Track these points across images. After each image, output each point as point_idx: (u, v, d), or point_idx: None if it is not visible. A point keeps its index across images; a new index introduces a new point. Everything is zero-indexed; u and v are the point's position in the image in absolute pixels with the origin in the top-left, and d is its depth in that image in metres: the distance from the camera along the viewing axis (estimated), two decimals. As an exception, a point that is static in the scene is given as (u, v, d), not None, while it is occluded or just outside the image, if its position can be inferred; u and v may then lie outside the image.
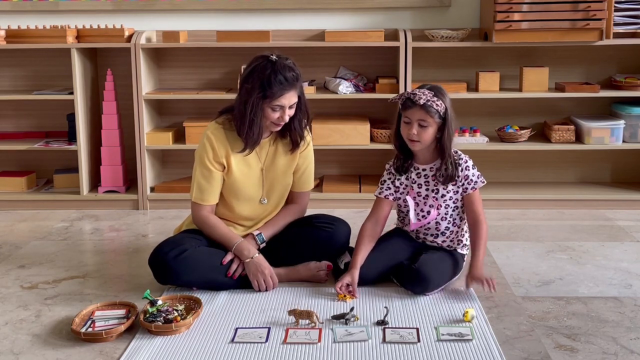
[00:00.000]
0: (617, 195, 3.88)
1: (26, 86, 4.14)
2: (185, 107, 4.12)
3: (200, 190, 2.70)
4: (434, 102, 2.57)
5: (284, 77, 2.56)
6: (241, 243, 2.66)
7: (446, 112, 2.59)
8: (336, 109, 4.09)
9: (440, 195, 2.70)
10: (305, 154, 2.81)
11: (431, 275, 2.60)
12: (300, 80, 2.64)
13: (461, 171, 2.67)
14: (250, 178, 2.75)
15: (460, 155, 2.70)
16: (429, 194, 2.71)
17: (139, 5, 4.05)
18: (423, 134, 2.61)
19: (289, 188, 2.85)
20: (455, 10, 4.03)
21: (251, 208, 2.80)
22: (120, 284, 2.81)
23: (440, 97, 2.60)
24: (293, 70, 2.60)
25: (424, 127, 2.60)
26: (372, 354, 2.19)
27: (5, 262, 3.09)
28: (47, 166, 4.21)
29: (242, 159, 2.71)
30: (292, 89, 2.59)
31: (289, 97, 2.60)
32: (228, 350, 2.22)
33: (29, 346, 2.28)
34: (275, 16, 4.06)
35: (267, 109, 2.60)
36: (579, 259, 3.05)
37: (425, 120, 2.59)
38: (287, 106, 2.61)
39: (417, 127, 2.60)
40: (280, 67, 2.57)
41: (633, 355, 2.18)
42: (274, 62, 2.58)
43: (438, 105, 2.57)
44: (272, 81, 2.56)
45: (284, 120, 2.63)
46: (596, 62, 4.02)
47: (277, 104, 2.59)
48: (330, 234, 2.79)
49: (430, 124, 2.59)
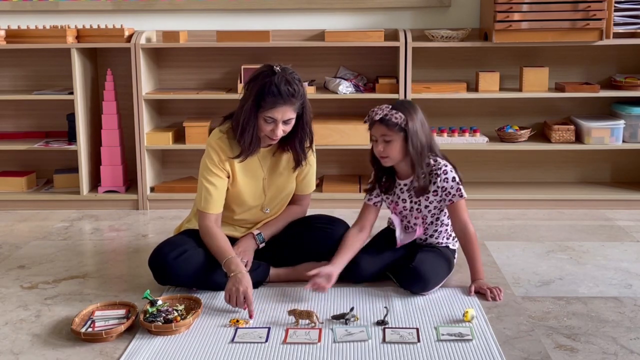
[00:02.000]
0: (617, 195, 3.88)
1: (26, 86, 4.14)
2: (185, 107, 4.12)
3: (205, 199, 2.66)
4: (392, 115, 2.56)
5: (277, 90, 2.51)
6: (232, 259, 2.55)
7: (406, 124, 2.56)
8: (336, 109, 4.09)
9: (424, 207, 2.70)
10: (308, 161, 2.80)
11: (429, 274, 2.60)
12: (299, 97, 2.56)
13: (440, 182, 2.64)
14: (252, 187, 2.74)
15: (439, 165, 2.65)
16: (413, 206, 2.72)
17: (139, 5, 4.05)
18: (389, 149, 2.59)
19: (291, 194, 2.85)
20: (455, 10, 4.03)
21: (253, 215, 2.80)
22: (120, 284, 2.81)
23: (401, 110, 2.57)
24: (291, 85, 2.53)
25: (389, 142, 2.58)
26: (372, 354, 2.19)
27: (5, 262, 3.09)
28: (47, 166, 4.20)
29: (245, 168, 2.69)
30: (285, 103, 2.53)
31: (282, 112, 2.54)
32: (228, 350, 2.22)
33: (29, 346, 2.28)
34: (275, 16, 4.06)
35: (261, 119, 2.56)
36: (579, 259, 3.05)
37: (387, 135, 2.58)
38: (279, 120, 2.55)
39: (382, 143, 2.59)
40: (278, 79, 2.52)
41: (633, 355, 2.18)
42: (275, 73, 2.54)
43: (397, 118, 2.55)
44: (266, 91, 2.51)
45: (276, 135, 2.58)
46: (596, 62, 4.02)
47: (269, 116, 2.54)
48: (330, 234, 2.78)
49: (394, 138, 2.58)
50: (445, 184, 2.64)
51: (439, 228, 2.76)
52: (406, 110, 2.58)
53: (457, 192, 2.64)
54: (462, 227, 2.65)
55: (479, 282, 2.64)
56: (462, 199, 2.64)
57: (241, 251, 2.68)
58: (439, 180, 2.64)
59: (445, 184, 2.64)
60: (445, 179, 2.64)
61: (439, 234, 2.77)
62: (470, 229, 2.64)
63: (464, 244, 2.66)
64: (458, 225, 2.66)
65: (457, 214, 2.65)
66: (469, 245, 2.64)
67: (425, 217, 2.72)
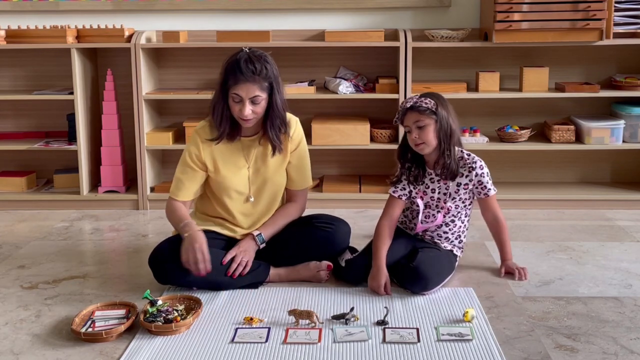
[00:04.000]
0: (617, 195, 3.88)
1: (26, 86, 4.14)
2: (185, 107, 4.12)
3: (176, 186, 2.76)
4: (421, 101, 2.65)
5: (239, 68, 2.57)
6: (187, 222, 2.65)
7: (436, 108, 2.63)
8: (336, 109, 4.09)
9: (451, 198, 2.74)
10: (296, 153, 2.80)
11: (430, 274, 2.61)
12: (263, 76, 2.59)
13: (475, 176, 2.72)
14: (237, 176, 2.75)
15: (474, 159, 2.75)
16: (440, 197, 2.75)
17: (139, 5, 4.05)
18: (423, 134, 2.65)
19: (282, 188, 2.84)
20: (455, 10, 4.03)
21: (240, 206, 2.79)
22: (120, 284, 2.81)
23: (430, 96, 2.67)
24: (253, 63, 2.58)
25: (422, 128, 2.65)
26: (372, 354, 2.19)
27: (5, 262, 3.09)
28: (47, 166, 4.21)
29: (228, 157, 2.73)
30: (248, 80, 2.57)
31: (246, 89, 2.57)
32: (228, 350, 2.22)
33: (29, 346, 2.28)
34: (275, 16, 4.06)
35: (230, 99, 2.62)
36: (579, 259, 3.05)
37: (420, 120, 2.64)
38: (245, 99, 2.59)
39: (416, 130, 2.65)
40: (243, 58, 2.59)
41: (633, 355, 2.18)
42: (242, 52, 2.62)
43: (427, 102, 2.64)
44: (229, 68, 2.60)
45: (244, 114, 2.60)
46: (596, 62, 4.02)
47: (235, 93, 2.59)
48: (331, 234, 2.79)
49: (426, 122, 2.64)
50: (482, 178, 2.73)
51: (456, 222, 2.77)
52: (435, 97, 2.70)
53: (492, 187, 2.76)
54: (495, 217, 2.82)
55: (508, 263, 2.85)
56: (495, 193, 2.78)
57: (242, 251, 2.68)
58: (473, 173, 2.72)
59: (482, 178, 2.73)
60: (482, 174, 2.73)
61: (449, 233, 2.78)
62: (501, 218, 2.83)
63: (495, 231, 2.86)
64: (491, 215, 2.83)
65: (490, 206, 2.80)
66: (500, 231, 2.84)
67: (450, 208, 2.75)
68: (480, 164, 2.74)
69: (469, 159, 2.74)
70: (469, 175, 2.73)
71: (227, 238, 2.79)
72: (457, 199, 2.75)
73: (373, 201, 3.86)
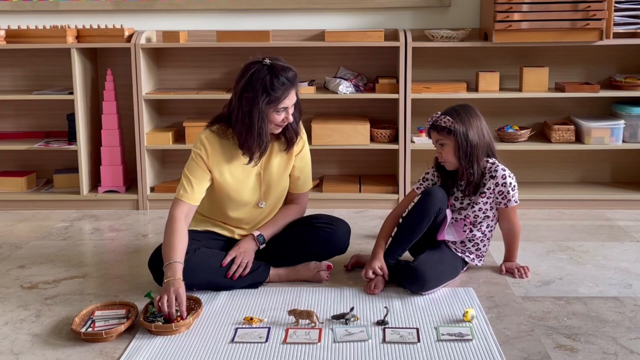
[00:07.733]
0: (617, 195, 3.88)
1: (26, 86, 4.14)
2: (185, 107, 4.12)
3: (183, 188, 2.63)
4: (440, 120, 2.67)
5: (285, 79, 2.55)
6: (174, 264, 2.45)
7: (454, 126, 2.63)
8: (336, 109, 4.09)
9: (473, 208, 2.74)
10: (301, 155, 2.80)
11: (429, 275, 2.61)
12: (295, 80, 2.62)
13: (496, 185, 2.70)
14: (245, 184, 2.73)
15: (496, 167, 2.71)
16: (463, 206, 2.76)
17: (139, 5, 4.05)
18: (444, 153, 2.70)
19: (285, 190, 2.84)
20: (455, 10, 4.03)
21: (248, 212, 2.78)
22: (120, 284, 2.81)
23: (450, 113, 2.67)
24: (290, 69, 2.59)
25: (443, 146, 2.69)
26: (372, 354, 2.19)
27: (5, 262, 3.09)
28: (47, 166, 4.21)
29: (237, 166, 2.69)
30: (293, 87, 2.60)
31: (292, 97, 2.60)
32: (228, 350, 2.22)
33: (29, 346, 2.28)
34: (275, 16, 4.06)
35: (272, 113, 2.58)
36: (579, 259, 3.05)
37: (440, 139, 2.69)
38: (290, 106, 2.61)
39: (439, 147, 2.71)
40: (279, 69, 2.55)
41: (633, 355, 2.18)
42: (271, 66, 2.55)
43: (445, 122, 2.65)
44: (276, 85, 2.53)
45: (289, 120, 2.62)
46: (596, 62, 4.02)
47: (282, 106, 2.57)
48: (330, 234, 2.79)
49: (446, 141, 2.68)
50: (503, 188, 2.70)
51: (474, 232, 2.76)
52: (455, 113, 2.69)
53: (513, 198, 2.72)
54: (510, 228, 2.80)
55: (509, 263, 2.88)
56: (515, 205, 2.74)
57: (242, 252, 2.68)
58: (492, 182, 2.70)
59: (503, 188, 2.70)
60: (504, 184, 2.70)
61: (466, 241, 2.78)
62: (517, 230, 2.81)
63: (508, 238, 2.85)
64: (506, 226, 2.81)
65: (507, 217, 2.77)
66: (512, 240, 2.85)
67: (476, 217, 2.74)
68: (503, 173, 2.70)
69: (492, 167, 2.72)
70: (487, 184, 2.71)
71: (225, 238, 2.79)
72: (476, 208, 2.74)
73: (373, 201, 3.87)
